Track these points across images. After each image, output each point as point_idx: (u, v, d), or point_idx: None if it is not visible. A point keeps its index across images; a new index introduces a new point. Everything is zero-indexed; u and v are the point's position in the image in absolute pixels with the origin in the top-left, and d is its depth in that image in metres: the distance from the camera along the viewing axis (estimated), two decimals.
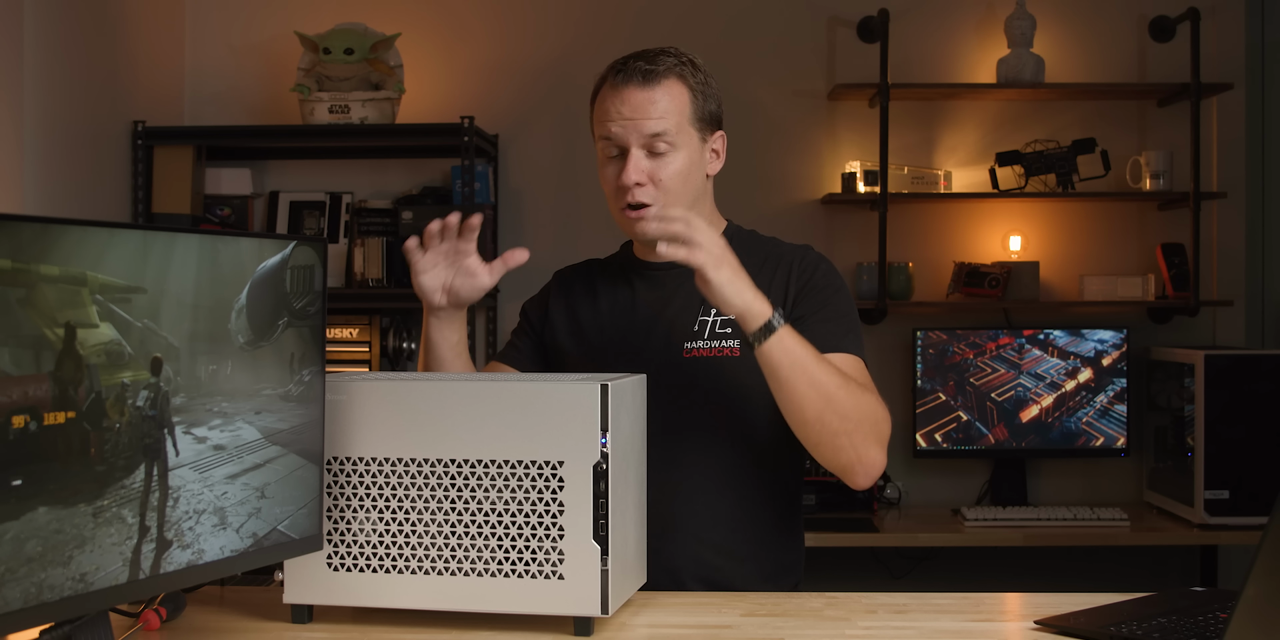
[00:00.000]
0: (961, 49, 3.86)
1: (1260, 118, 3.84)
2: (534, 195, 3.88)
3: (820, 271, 1.85)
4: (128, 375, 1.23)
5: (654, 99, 1.77)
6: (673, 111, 1.78)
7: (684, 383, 1.81)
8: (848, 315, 1.83)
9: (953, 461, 3.81)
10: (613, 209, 1.84)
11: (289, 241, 1.46)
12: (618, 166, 1.79)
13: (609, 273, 1.97)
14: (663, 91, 1.77)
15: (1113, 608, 1.60)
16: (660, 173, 1.78)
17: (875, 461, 1.70)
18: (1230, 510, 3.34)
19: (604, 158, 1.82)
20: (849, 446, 1.67)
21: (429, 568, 1.49)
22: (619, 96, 1.78)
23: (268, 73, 3.90)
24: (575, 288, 1.97)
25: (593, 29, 3.83)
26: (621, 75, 1.78)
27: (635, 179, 1.77)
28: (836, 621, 1.56)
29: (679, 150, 1.79)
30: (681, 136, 1.79)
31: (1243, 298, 3.82)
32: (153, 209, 3.58)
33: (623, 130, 1.77)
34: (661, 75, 1.78)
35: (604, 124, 1.79)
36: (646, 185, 1.78)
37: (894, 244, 3.75)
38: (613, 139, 1.78)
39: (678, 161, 1.79)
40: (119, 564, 1.22)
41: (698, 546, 1.80)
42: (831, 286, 1.84)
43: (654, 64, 1.78)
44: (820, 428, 1.65)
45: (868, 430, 1.68)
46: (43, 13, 2.99)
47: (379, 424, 1.51)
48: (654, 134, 1.76)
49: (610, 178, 1.81)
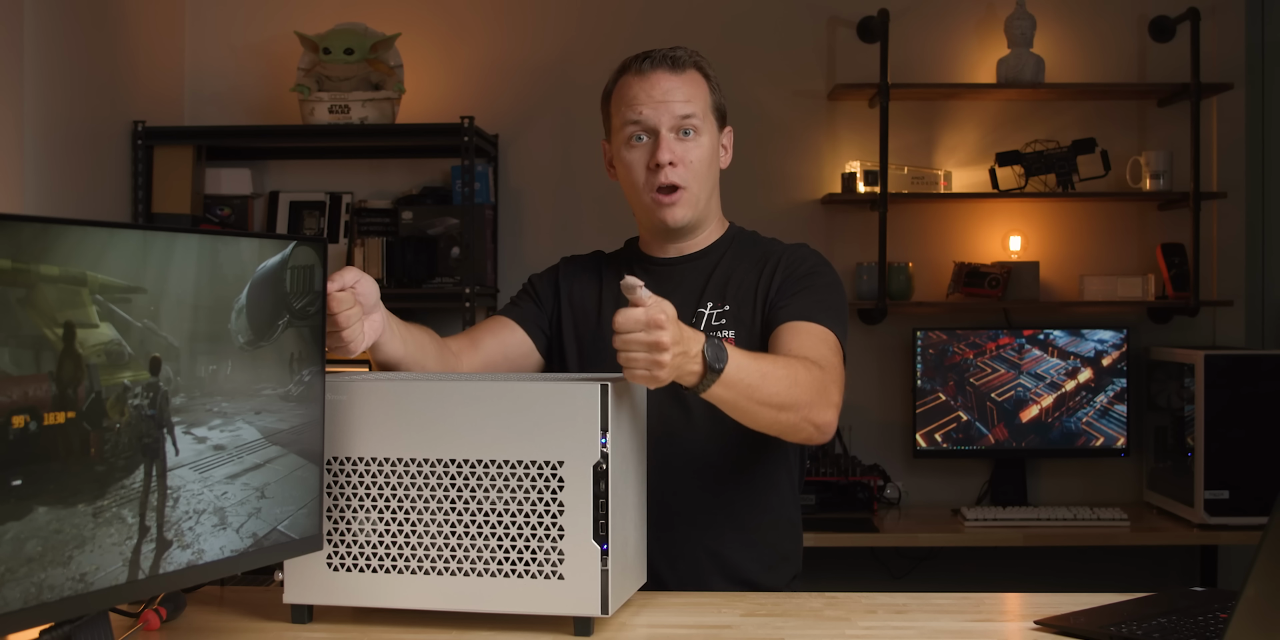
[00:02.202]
0: (961, 49, 3.86)
1: (1260, 118, 3.84)
2: (534, 195, 3.88)
3: (808, 262, 1.88)
4: (128, 375, 1.23)
5: (682, 84, 1.83)
6: (698, 97, 1.84)
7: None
8: (828, 296, 1.83)
9: (953, 461, 3.81)
10: (639, 196, 1.86)
11: (289, 241, 1.46)
12: (646, 150, 1.83)
13: (614, 265, 1.99)
14: (689, 78, 1.85)
15: (1113, 608, 1.60)
16: (690, 155, 1.83)
17: (829, 424, 1.67)
18: (1230, 510, 3.34)
19: (628, 145, 1.84)
20: (803, 424, 1.65)
21: (429, 568, 1.49)
22: (648, 81, 1.83)
23: (268, 73, 3.89)
24: (581, 276, 1.99)
25: (593, 29, 3.83)
26: (648, 62, 1.84)
27: (669, 158, 1.80)
28: (836, 621, 1.56)
29: (704, 135, 1.84)
30: (706, 123, 1.85)
31: (1243, 298, 3.82)
32: (153, 209, 3.58)
33: (654, 112, 1.81)
34: (686, 65, 1.85)
35: (633, 108, 1.83)
36: (679, 165, 1.81)
37: (894, 244, 3.75)
38: (642, 122, 1.82)
39: (705, 145, 1.84)
40: (119, 564, 1.22)
41: (703, 541, 1.82)
42: (816, 272, 1.86)
43: (677, 54, 1.85)
44: (774, 426, 1.64)
45: (818, 406, 1.64)
46: (43, 13, 2.99)
47: (379, 424, 1.51)
48: (684, 115, 1.82)
49: (639, 161, 1.83)
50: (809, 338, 1.74)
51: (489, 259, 3.74)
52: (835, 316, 1.80)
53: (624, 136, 1.84)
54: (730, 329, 1.85)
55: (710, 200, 1.90)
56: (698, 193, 1.84)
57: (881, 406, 3.80)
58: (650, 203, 1.84)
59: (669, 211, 1.83)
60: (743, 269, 1.89)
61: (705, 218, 1.90)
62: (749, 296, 1.86)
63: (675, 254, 1.93)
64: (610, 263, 2.00)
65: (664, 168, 1.80)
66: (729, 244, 1.94)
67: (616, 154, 1.87)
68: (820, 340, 1.75)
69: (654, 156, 1.81)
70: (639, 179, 1.84)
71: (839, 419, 1.70)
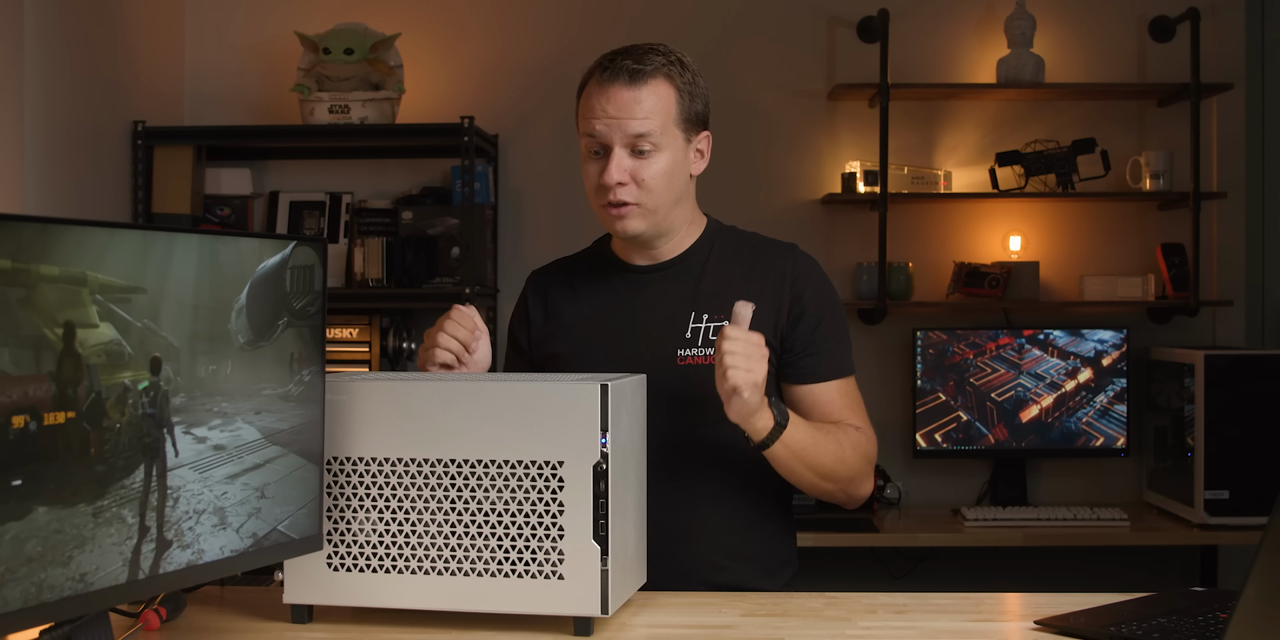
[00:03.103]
0: (961, 49, 3.86)
1: (1260, 118, 3.84)
2: (534, 195, 3.88)
3: (814, 281, 1.87)
4: (128, 375, 1.23)
5: (639, 99, 1.76)
6: (658, 112, 1.77)
7: (680, 390, 1.80)
8: (842, 327, 1.89)
9: (953, 461, 3.81)
10: (593, 204, 1.83)
11: (289, 241, 1.46)
12: (600, 164, 1.79)
13: (587, 271, 1.95)
14: (649, 91, 1.77)
15: (1113, 608, 1.60)
16: (643, 173, 1.77)
17: (864, 498, 1.85)
18: (1230, 510, 3.34)
19: (587, 153, 1.81)
20: (839, 494, 1.82)
21: (429, 568, 1.49)
22: (605, 94, 1.77)
23: (268, 73, 3.90)
24: (552, 291, 1.95)
25: (593, 29, 3.83)
26: (609, 73, 1.77)
27: (617, 178, 1.77)
28: (836, 621, 1.56)
29: (662, 151, 1.78)
30: (665, 137, 1.78)
31: (1243, 298, 3.82)
32: (153, 209, 3.58)
33: (606, 129, 1.76)
34: (649, 75, 1.77)
35: (588, 121, 1.79)
36: (629, 184, 1.78)
37: (894, 244, 3.75)
38: (596, 137, 1.78)
39: (661, 162, 1.78)
40: (119, 564, 1.22)
41: (708, 551, 1.81)
42: (827, 300, 1.88)
43: (641, 63, 1.77)
44: (814, 490, 1.80)
45: (856, 481, 1.82)
46: (43, 13, 2.99)
47: (379, 424, 1.51)
48: (638, 134, 1.76)
49: (592, 174, 1.80)
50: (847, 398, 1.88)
51: (489, 259, 3.74)
52: (850, 350, 1.91)
53: (583, 144, 1.82)
54: None
55: (675, 210, 1.84)
56: (653, 207, 1.80)
57: (881, 406, 3.79)
58: (602, 215, 1.82)
59: (619, 223, 1.80)
60: (735, 276, 1.86)
61: (671, 226, 1.86)
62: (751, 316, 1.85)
63: (651, 262, 1.89)
64: (580, 268, 1.96)
65: (611, 186, 1.77)
66: (710, 246, 1.89)
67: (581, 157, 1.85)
68: (854, 396, 1.88)
69: (604, 173, 1.78)
70: (592, 189, 1.82)
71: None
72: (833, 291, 1.90)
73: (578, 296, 1.92)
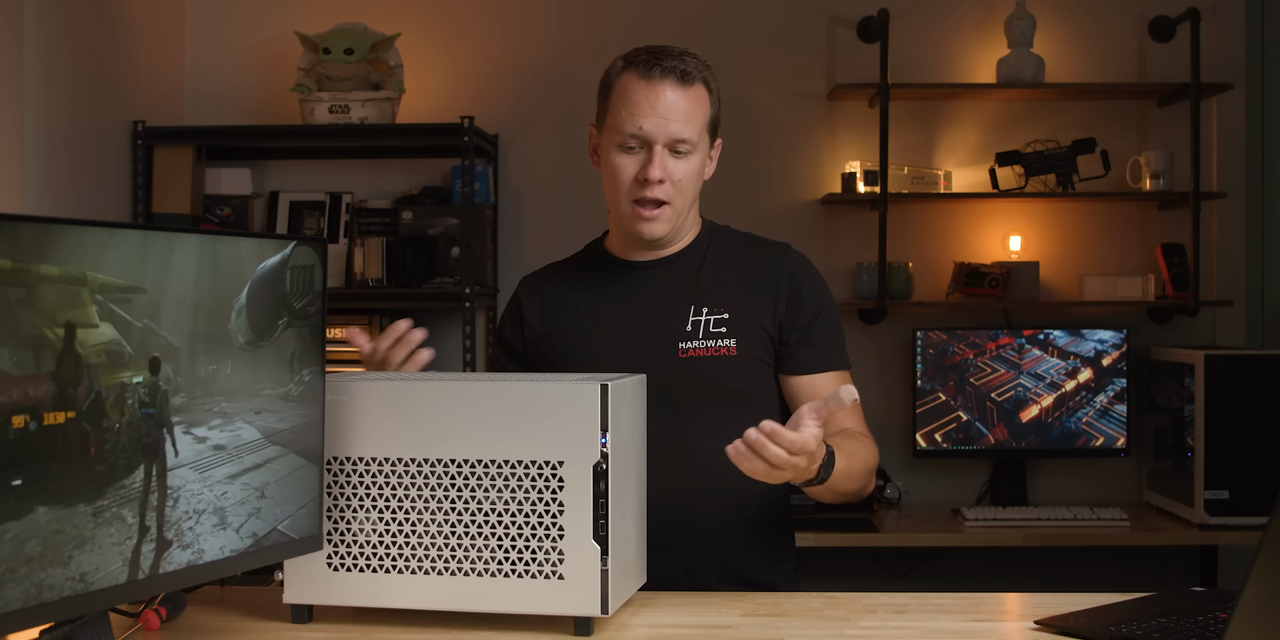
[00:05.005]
0: (961, 49, 3.86)
1: (1260, 118, 3.84)
2: (534, 195, 3.88)
3: (810, 276, 1.91)
4: (128, 375, 1.23)
5: (688, 101, 1.79)
6: (699, 115, 1.81)
7: (683, 384, 1.82)
8: (838, 323, 1.93)
9: (953, 461, 3.81)
10: (619, 201, 1.83)
11: (289, 241, 1.46)
12: (635, 159, 1.80)
13: (584, 269, 1.96)
14: (695, 95, 1.81)
15: (1113, 608, 1.60)
16: (678, 173, 1.80)
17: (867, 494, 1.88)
18: (1230, 510, 3.34)
19: (620, 149, 1.81)
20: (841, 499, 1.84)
21: (429, 568, 1.49)
22: (654, 91, 1.78)
23: (268, 73, 3.90)
24: (548, 291, 1.96)
25: (593, 29, 3.83)
26: (658, 71, 1.79)
27: (660, 175, 1.79)
28: (836, 621, 1.56)
29: (696, 153, 1.82)
30: (700, 140, 1.82)
31: (1243, 298, 3.82)
32: (153, 209, 3.58)
33: (654, 128, 1.78)
34: (695, 79, 1.81)
35: (633, 116, 1.78)
36: (667, 182, 1.80)
37: (894, 244, 3.75)
38: (640, 134, 1.79)
39: (693, 164, 1.82)
40: (119, 564, 1.22)
41: (714, 544, 1.83)
42: (824, 295, 1.92)
43: (687, 65, 1.80)
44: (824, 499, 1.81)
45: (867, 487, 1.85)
46: (43, 13, 2.99)
47: (379, 424, 1.51)
48: (682, 137, 1.79)
49: (627, 169, 1.81)
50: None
51: (489, 259, 3.74)
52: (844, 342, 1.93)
53: (617, 138, 1.81)
54: (731, 337, 1.83)
55: (690, 212, 1.88)
56: (680, 208, 1.83)
57: (881, 406, 3.79)
58: (629, 212, 1.82)
59: (647, 226, 1.82)
60: (732, 271, 1.89)
61: (682, 228, 1.89)
62: (750, 309, 1.86)
63: (651, 258, 1.91)
64: (573, 270, 1.97)
65: (652, 183, 1.79)
66: (708, 242, 1.92)
67: (604, 151, 1.84)
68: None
69: (644, 170, 1.78)
70: (622, 185, 1.82)
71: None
72: (828, 288, 1.94)
73: (576, 294, 1.93)
